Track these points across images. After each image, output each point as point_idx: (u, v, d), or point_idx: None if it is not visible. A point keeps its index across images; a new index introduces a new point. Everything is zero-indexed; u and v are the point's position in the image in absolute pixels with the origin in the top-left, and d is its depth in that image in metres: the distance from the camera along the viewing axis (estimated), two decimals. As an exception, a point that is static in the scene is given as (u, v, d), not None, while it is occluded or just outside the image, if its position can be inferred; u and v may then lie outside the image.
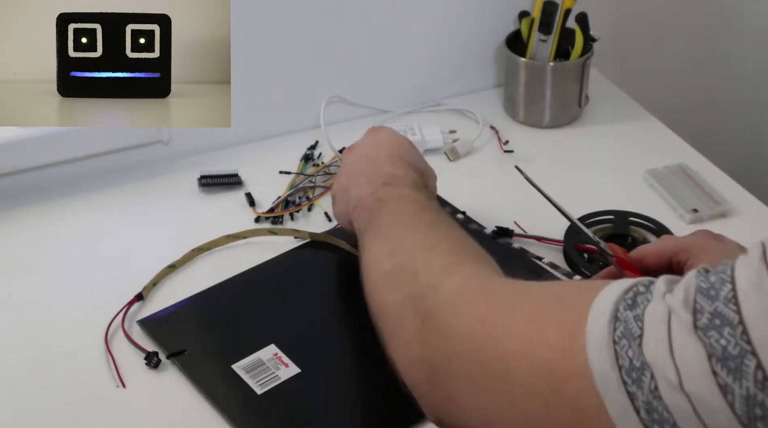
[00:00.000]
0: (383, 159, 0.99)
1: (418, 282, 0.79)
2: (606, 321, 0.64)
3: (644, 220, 1.13)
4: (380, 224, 0.90)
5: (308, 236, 1.11)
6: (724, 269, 0.63)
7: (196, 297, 1.05)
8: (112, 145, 1.23)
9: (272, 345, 0.98)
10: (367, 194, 0.95)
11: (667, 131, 1.32)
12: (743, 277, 0.61)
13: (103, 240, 1.14)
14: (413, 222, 0.88)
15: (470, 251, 0.83)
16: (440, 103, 1.36)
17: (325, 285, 1.07)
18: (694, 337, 0.61)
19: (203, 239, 1.11)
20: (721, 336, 0.60)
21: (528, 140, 1.30)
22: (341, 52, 1.30)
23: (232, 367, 0.96)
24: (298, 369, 0.96)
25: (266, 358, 0.97)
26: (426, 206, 0.92)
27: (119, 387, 0.96)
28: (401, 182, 0.95)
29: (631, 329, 0.63)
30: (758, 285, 0.60)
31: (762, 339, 0.59)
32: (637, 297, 0.65)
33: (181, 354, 0.98)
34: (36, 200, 1.19)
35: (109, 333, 1.00)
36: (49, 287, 1.08)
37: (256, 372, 0.96)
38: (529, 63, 1.30)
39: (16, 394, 0.96)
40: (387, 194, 0.93)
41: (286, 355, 0.97)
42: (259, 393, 0.94)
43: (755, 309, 0.60)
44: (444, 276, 0.78)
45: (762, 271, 0.61)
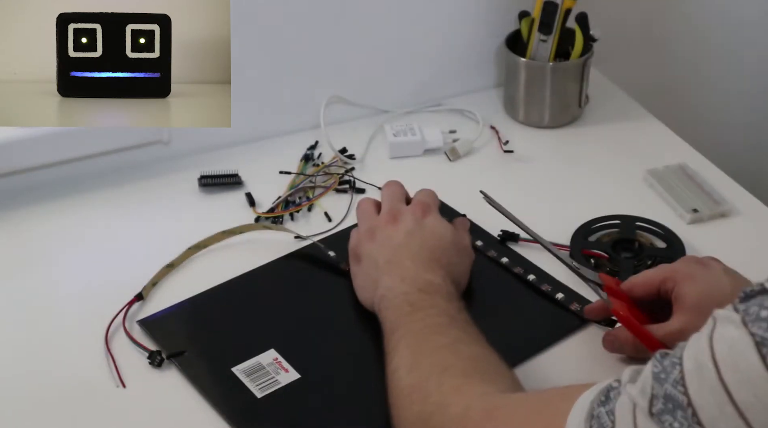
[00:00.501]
0: (424, 261, 0.98)
1: (429, 402, 0.83)
2: (582, 419, 0.69)
3: (651, 225, 1.13)
4: (408, 332, 0.91)
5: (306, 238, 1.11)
6: (677, 351, 0.66)
7: (197, 298, 1.05)
8: (112, 145, 1.23)
9: (272, 349, 0.98)
10: (400, 293, 0.95)
11: (667, 131, 1.32)
12: (688, 357, 0.65)
13: (103, 240, 1.14)
14: (437, 339, 0.89)
15: (483, 371, 0.86)
16: (440, 103, 1.36)
17: (326, 290, 1.07)
18: (651, 423, 0.65)
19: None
20: (675, 419, 0.64)
21: (528, 140, 1.30)
22: (341, 52, 1.30)
23: (232, 370, 0.96)
24: (298, 374, 0.96)
25: (266, 362, 0.97)
26: (454, 319, 0.92)
27: (119, 387, 0.96)
28: (436, 291, 0.95)
29: (603, 423, 0.68)
30: (701, 366, 0.63)
31: (712, 420, 0.62)
32: (610, 393, 0.70)
33: (181, 355, 0.98)
34: (36, 200, 1.19)
35: (109, 333, 1.00)
36: (49, 287, 1.08)
37: (256, 376, 0.96)
38: (529, 63, 1.30)
39: (16, 394, 0.96)
40: (420, 301, 0.94)
41: (286, 360, 0.97)
42: (259, 397, 0.94)
43: (699, 391, 0.63)
44: (452, 396, 0.82)
45: (705, 350, 0.64)
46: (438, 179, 1.22)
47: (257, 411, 0.93)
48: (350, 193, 1.21)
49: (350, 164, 1.25)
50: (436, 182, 1.21)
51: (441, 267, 0.99)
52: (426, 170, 1.25)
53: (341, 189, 1.21)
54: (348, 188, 1.21)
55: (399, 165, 1.26)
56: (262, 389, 0.94)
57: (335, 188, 1.21)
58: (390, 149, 1.27)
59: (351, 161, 1.25)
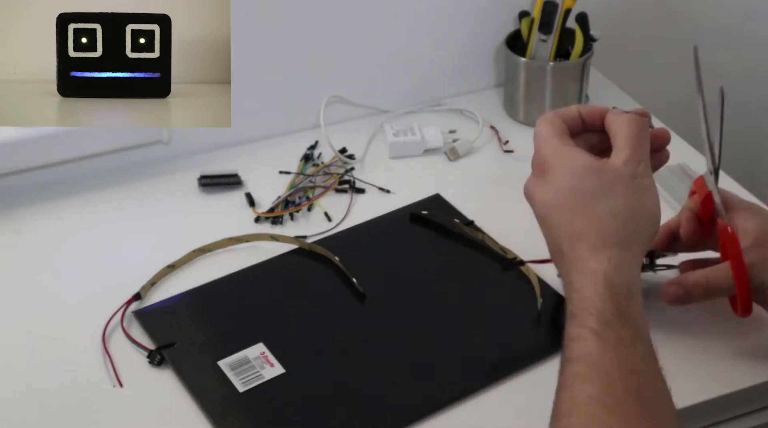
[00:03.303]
0: (636, 238, 0.85)
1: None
2: None
3: None
4: (603, 321, 0.79)
5: (308, 246, 1.11)
6: None
7: (191, 292, 1.05)
8: (112, 145, 1.23)
9: (260, 343, 0.98)
10: (590, 272, 0.82)
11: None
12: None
13: (103, 240, 1.14)
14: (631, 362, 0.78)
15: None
16: (440, 103, 1.36)
17: (320, 289, 1.07)
18: None
19: (203, 239, 1.11)
20: None
21: (528, 140, 1.29)
22: (341, 52, 1.30)
23: (218, 363, 0.96)
24: (283, 369, 0.96)
25: (253, 356, 0.97)
26: (642, 336, 0.80)
27: (116, 387, 0.96)
28: (628, 298, 0.82)
29: None
30: None
31: None
32: None
33: (171, 347, 0.98)
34: (36, 200, 1.19)
35: (107, 332, 1.01)
36: (48, 286, 1.08)
37: (240, 370, 0.96)
38: (529, 63, 1.30)
39: (14, 393, 0.96)
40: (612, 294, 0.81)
41: (273, 355, 0.97)
42: (241, 391, 0.94)
43: None
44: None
45: None
46: (438, 179, 1.22)
47: (237, 406, 0.93)
48: (350, 193, 1.21)
49: (350, 164, 1.25)
50: (436, 182, 1.21)
51: (640, 248, 0.88)
52: (426, 170, 1.25)
53: (341, 189, 1.21)
54: (348, 188, 1.21)
55: (399, 165, 1.26)
56: (245, 383, 0.94)
57: (335, 188, 1.21)
58: (390, 149, 1.27)
59: (351, 161, 1.25)
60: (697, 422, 0.96)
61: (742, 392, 0.96)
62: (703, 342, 1.00)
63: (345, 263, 1.07)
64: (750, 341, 0.99)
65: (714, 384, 0.96)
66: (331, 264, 1.08)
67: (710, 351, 0.99)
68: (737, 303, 0.94)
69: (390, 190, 1.21)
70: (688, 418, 0.94)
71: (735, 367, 0.97)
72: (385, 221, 1.16)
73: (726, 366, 0.97)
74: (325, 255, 1.09)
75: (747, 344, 0.99)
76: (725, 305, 0.99)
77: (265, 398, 0.93)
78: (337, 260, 1.08)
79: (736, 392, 0.96)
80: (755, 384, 0.96)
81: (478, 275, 1.09)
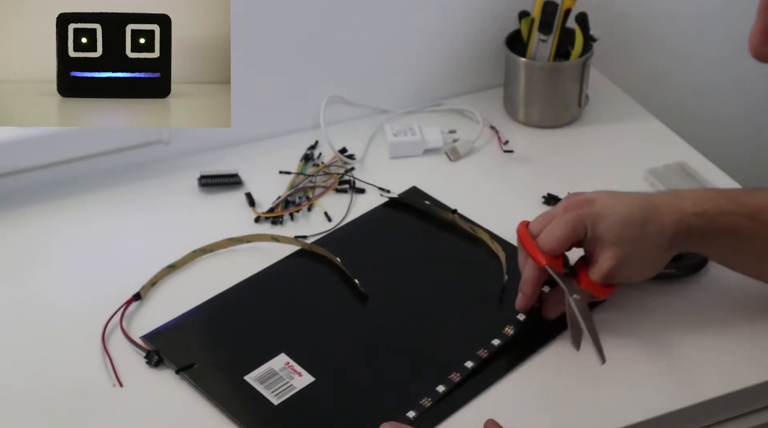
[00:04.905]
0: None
1: None
2: None
3: None
4: None
5: (309, 247, 1.11)
6: None
7: (200, 308, 1.04)
8: (112, 145, 1.23)
9: (282, 354, 0.98)
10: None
11: (666, 131, 1.32)
12: None
13: (103, 240, 1.14)
14: None
15: None
16: (440, 103, 1.36)
17: (324, 292, 1.07)
18: None
19: (203, 239, 1.11)
20: None
21: (528, 140, 1.30)
22: (341, 52, 1.30)
23: (244, 378, 0.96)
24: (312, 377, 0.96)
25: (278, 368, 0.97)
26: None
27: (116, 386, 0.96)
28: None
29: None
30: None
31: None
32: None
33: (191, 368, 0.97)
34: (36, 200, 1.19)
35: (107, 332, 1.01)
36: (48, 286, 1.08)
37: (270, 383, 0.95)
38: (529, 63, 1.30)
39: (13, 393, 0.96)
40: None
41: (297, 364, 0.97)
42: (276, 404, 0.93)
43: None
44: None
45: None
46: (438, 179, 1.22)
47: (277, 419, 0.92)
48: (350, 193, 1.21)
49: (350, 164, 1.25)
50: (436, 182, 1.21)
51: None
52: (426, 170, 1.25)
53: (341, 189, 1.21)
54: (348, 188, 1.21)
55: (399, 165, 1.26)
56: (278, 395, 0.94)
57: (335, 188, 1.21)
58: (390, 148, 1.27)
59: (351, 160, 1.25)
60: (697, 422, 0.96)
61: (742, 392, 0.96)
62: (703, 341, 1.00)
63: (345, 263, 1.07)
64: (750, 341, 1.00)
65: (714, 384, 0.96)
66: (332, 264, 1.08)
67: (710, 350, 0.99)
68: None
69: (390, 190, 1.20)
70: (689, 418, 0.94)
71: (735, 367, 0.97)
72: (377, 213, 1.17)
73: (726, 366, 0.97)
74: (327, 256, 1.09)
75: (747, 344, 0.99)
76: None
77: (302, 407, 0.93)
78: (338, 261, 1.08)
79: (736, 392, 0.96)
80: (756, 383, 0.96)
81: (472, 264, 1.09)
